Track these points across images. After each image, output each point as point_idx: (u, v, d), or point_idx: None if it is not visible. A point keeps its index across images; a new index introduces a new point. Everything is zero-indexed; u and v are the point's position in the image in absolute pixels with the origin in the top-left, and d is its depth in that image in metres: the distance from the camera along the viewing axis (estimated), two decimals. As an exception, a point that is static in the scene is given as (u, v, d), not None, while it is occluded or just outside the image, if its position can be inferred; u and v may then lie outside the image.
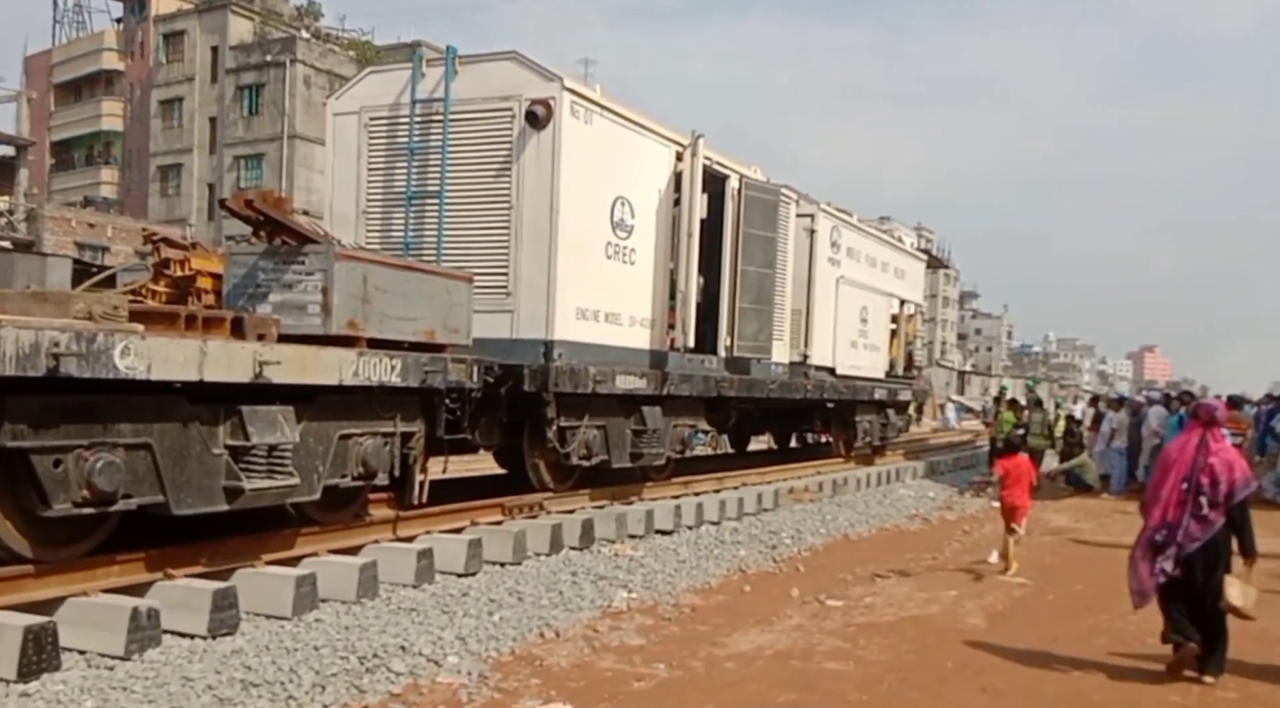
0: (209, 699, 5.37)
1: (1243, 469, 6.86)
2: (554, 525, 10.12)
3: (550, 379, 10.42)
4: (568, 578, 8.93)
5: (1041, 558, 11.81)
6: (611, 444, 11.88)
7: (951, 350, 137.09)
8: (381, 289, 7.91)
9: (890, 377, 21.82)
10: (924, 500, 17.21)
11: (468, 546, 8.79)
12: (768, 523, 12.96)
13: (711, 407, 16.38)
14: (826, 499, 15.77)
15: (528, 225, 10.81)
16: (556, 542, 10.03)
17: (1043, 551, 12.43)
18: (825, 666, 6.79)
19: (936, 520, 15.25)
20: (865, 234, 20.09)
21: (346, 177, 11.72)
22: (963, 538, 13.41)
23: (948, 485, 19.93)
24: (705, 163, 13.59)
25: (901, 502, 16.69)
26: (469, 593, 8.06)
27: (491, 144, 11.02)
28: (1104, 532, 14.25)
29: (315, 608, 7.12)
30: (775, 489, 14.76)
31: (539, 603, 7.98)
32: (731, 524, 12.68)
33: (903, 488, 18.62)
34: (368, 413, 8.04)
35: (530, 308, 10.78)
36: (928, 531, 14.19)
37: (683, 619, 8.01)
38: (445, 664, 6.29)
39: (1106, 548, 12.22)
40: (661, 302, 12.81)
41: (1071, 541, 13.57)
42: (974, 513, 16.26)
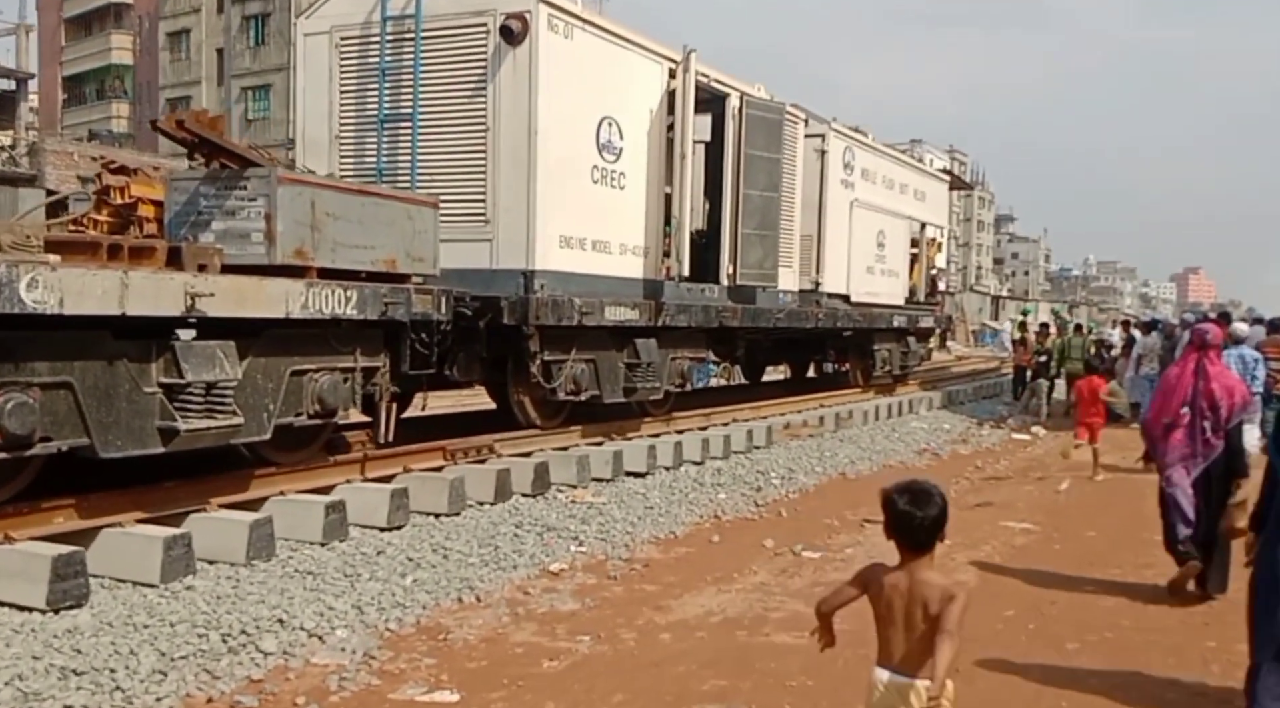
0: (9, 694, 4.63)
1: (1242, 393, 7.03)
2: (500, 471, 9.29)
3: (531, 311, 10.05)
4: (509, 531, 8.21)
5: (1053, 498, 11.30)
6: (602, 379, 11.53)
7: (987, 275, 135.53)
8: (333, 215, 7.54)
9: (911, 303, 21.31)
10: (938, 433, 16.75)
11: (390, 497, 7.97)
12: (757, 462, 12.39)
13: (717, 338, 16.03)
14: (829, 434, 15.18)
15: (505, 149, 10.37)
16: (504, 489, 9.22)
17: (1051, 487, 11.87)
18: (775, 639, 6.01)
19: (948, 455, 14.78)
20: (882, 155, 19.45)
21: (318, 101, 11.29)
22: (973, 474, 12.88)
23: (966, 417, 19.40)
24: (701, 80, 13.03)
25: (912, 435, 16.12)
26: (385, 551, 7.33)
27: (465, 62, 10.54)
28: (1129, 464, 13.66)
29: (191, 573, 6.35)
30: (769, 425, 14.09)
31: (467, 562, 7.28)
32: (716, 464, 12.04)
33: (915, 420, 18.00)
34: (323, 348, 7.72)
35: (509, 236, 10.38)
36: (936, 467, 13.67)
37: (631, 578, 7.36)
38: (329, 641, 5.62)
39: (1129, 483, 11.65)
40: (656, 229, 12.37)
41: (1087, 478, 12.93)
42: (990, 447, 15.74)
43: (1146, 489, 8.30)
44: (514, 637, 5.96)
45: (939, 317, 23.20)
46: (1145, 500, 8.34)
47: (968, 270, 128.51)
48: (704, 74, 13.14)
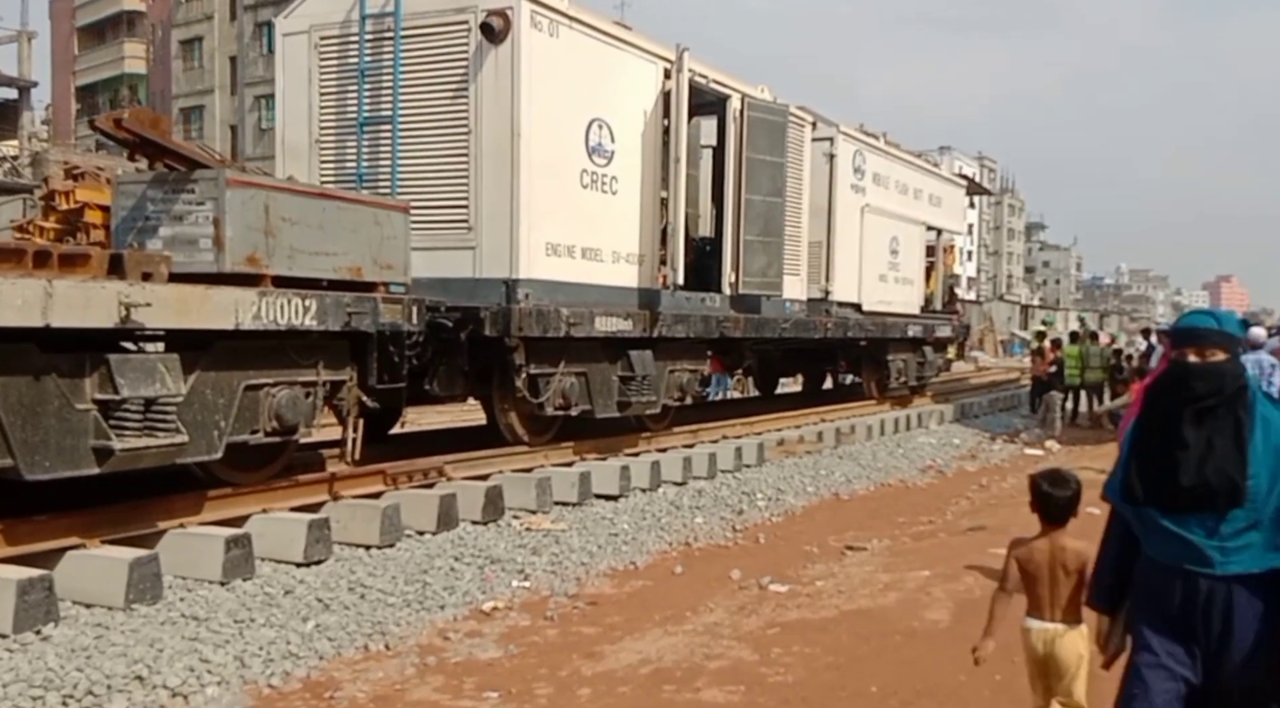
0: None
1: None
2: (444, 497, 8.49)
3: (514, 322, 9.68)
4: (446, 564, 7.51)
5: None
6: (594, 392, 11.15)
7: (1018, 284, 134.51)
8: (290, 220, 7.21)
9: (927, 312, 20.86)
10: (946, 449, 16.25)
11: (307, 528, 7.17)
12: (745, 482, 11.79)
13: (722, 349, 15.65)
14: (828, 451, 14.59)
15: (488, 152, 10.02)
16: (448, 516, 8.43)
17: None
18: (704, 695, 5.29)
19: (953, 473, 14.35)
20: (895, 159, 19.02)
21: (298, 103, 10.99)
22: (976, 494, 12.33)
23: (979, 430, 18.85)
24: (699, 81, 12.67)
25: (918, 451, 15.56)
26: (294, 590, 6.63)
27: (446, 62, 10.21)
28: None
29: (52, 621, 5.63)
30: (760, 442, 13.44)
31: (386, 602, 6.61)
32: (699, 485, 11.38)
33: (924, 435, 17.42)
34: (282, 361, 7.38)
35: (493, 244, 10.03)
36: (938, 486, 13.12)
37: (570, 618, 6.69)
38: (193, 702, 4.98)
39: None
40: (651, 235, 11.99)
41: (1095, 500, 12.18)
42: (999, 463, 15.20)
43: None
44: (412, 694, 5.33)
45: (957, 326, 22.71)
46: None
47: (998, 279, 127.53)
48: (702, 74, 12.78)
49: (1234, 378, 3.13)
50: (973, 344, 49.82)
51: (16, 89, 26.60)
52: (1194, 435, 3.09)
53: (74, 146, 41.50)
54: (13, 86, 26.69)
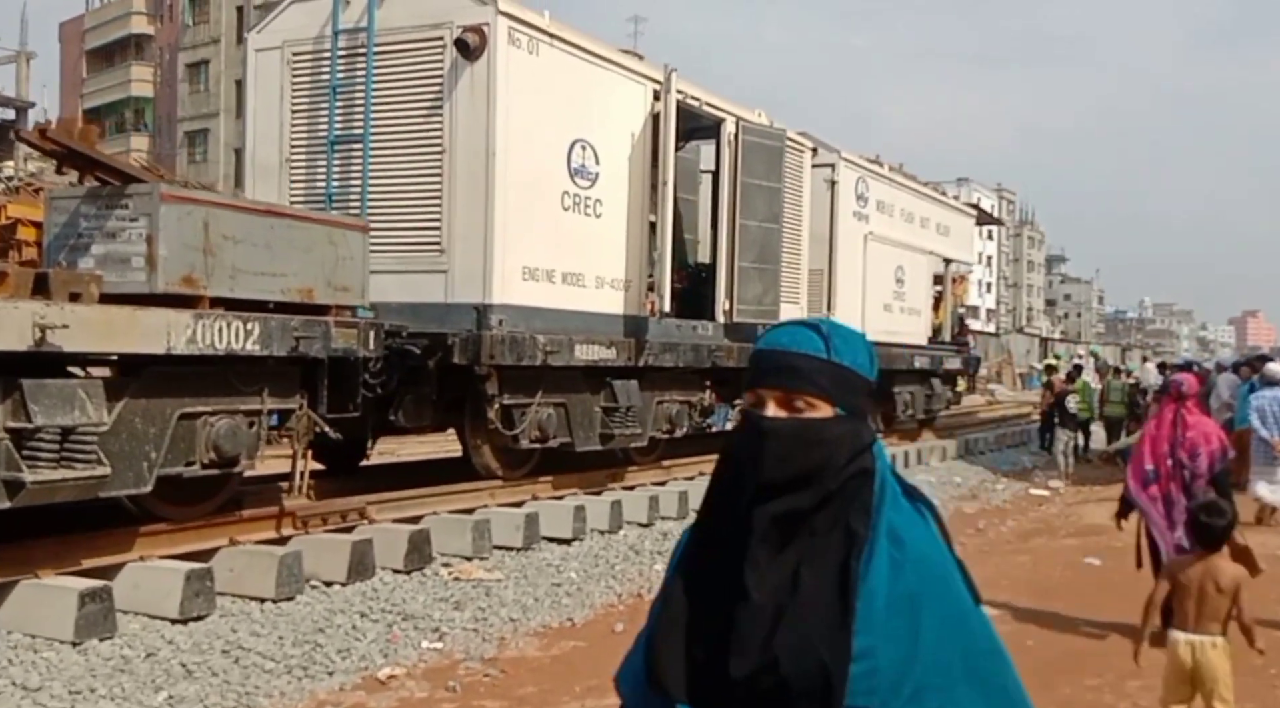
0: None
1: (1220, 440, 7.38)
2: (357, 543, 7.61)
3: (484, 350, 9.31)
4: (349, 621, 6.69)
5: (1049, 572, 9.69)
6: (574, 424, 10.76)
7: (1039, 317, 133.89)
8: (233, 238, 6.88)
9: (935, 343, 20.44)
10: (945, 488, 15.52)
11: (185, 579, 6.35)
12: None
13: (719, 378, 15.26)
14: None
15: (461, 172, 9.71)
16: (362, 565, 7.55)
17: (1054, 561, 10.25)
18: None
19: (949, 514, 13.56)
20: (899, 186, 18.67)
21: (269, 121, 10.71)
22: (970, 539, 11.57)
23: (984, 468, 18.20)
24: (691, 104, 12.36)
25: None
26: (158, 653, 5.81)
27: (420, 79, 9.92)
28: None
29: None
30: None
31: (263, 668, 5.79)
32: (667, 526, 10.56)
33: (924, 472, 16.56)
34: (222, 388, 7.02)
35: (465, 267, 9.69)
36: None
37: (475, 689, 5.89)
38: None
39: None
40: (639, 261, 11.64)
41: (1101, 546, 10.94)
42: (1000, 504, 14.61)
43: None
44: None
45: (967, 357, 22.27)
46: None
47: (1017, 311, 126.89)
48: (694, 97, 12.48)
49: (846, 453, 1.66)
50: (990, 377, 49.26)
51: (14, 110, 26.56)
52: (763, 572, 1.61)
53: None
54: (10, 107, 26.65)
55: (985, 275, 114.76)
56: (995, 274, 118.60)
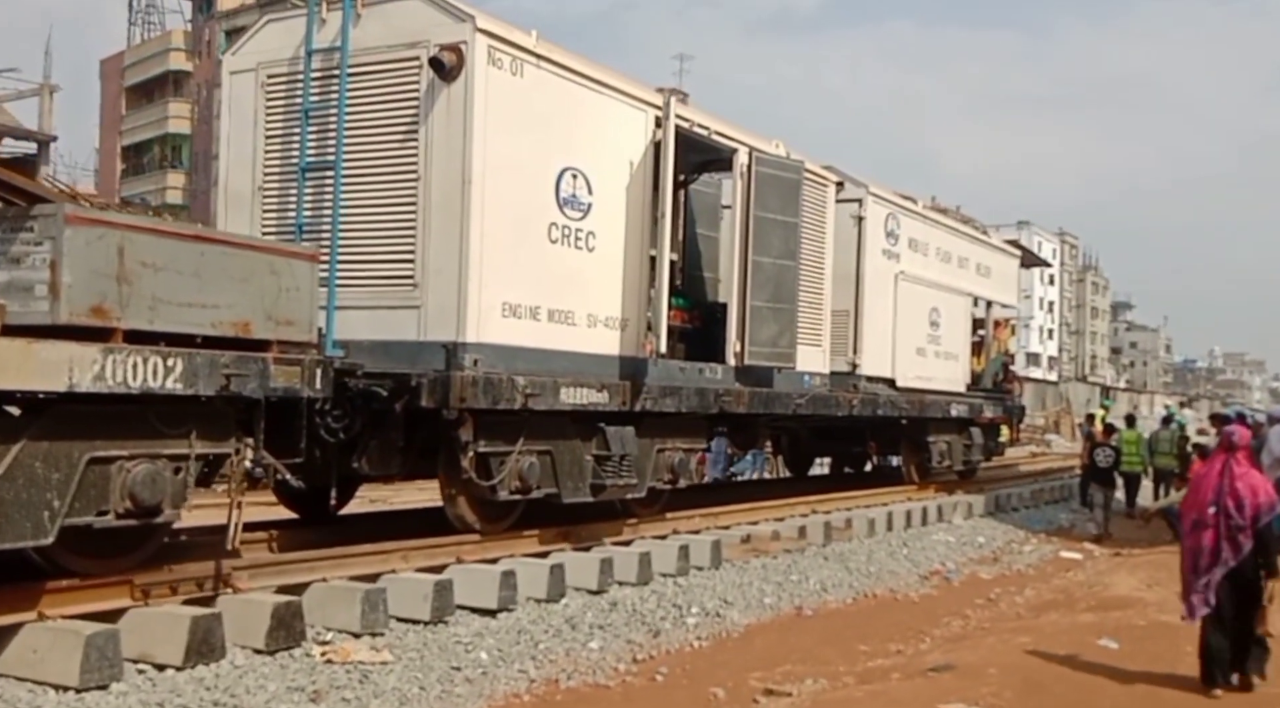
0: None
1: (1267, 492, 7.54)
2: (198, 618, 6.44)
3: (453, 392, 8.77)
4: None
5: (1048, 661, 8.35)
6: (561, 474, 10.18)
7: (1102, 365, 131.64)
8: (154, 266, 6.42)
9: (975, 390, 19.66)
10: (965, 549, 14.51)
11: None
12: (686, 590, 9.98)
13: (735, 425, 14.66)
14: (813, 549, 12.63)
15: (437, 201, 9.24)
16: (205, 645, 6.40)
17: (1060, 643, 8.94)
18: None
19: (962, 580, 12.60)
20: (935, 224, 18.03)
21: (242, 147, 10.33)
22: (978, 611, 10.62)
23: (1014, 526, 17.11)
24: (699, 132, 11.86)
25: (929, 551, 13.76)
26: None
27: (396, 101, 9.49)
28: (1176, 610, 10.86)
29: None
30: (716, 540, 11.43)
31: None
32: (623, 593, 9.52)
33: (944, 531, 15.51)
34: (141, 430, 6.53)
35: (439, 302, 9.19)
36: (935, 598, 11.35)
37: None
38: None
39: (1158, 649, 8.57)
40: (637, 298, 11.08)
41: (1121, 625, 9.79)
42: (1023, 569, 13.55)
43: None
44: None
45: (1010, 406, 21.42)
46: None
47: (1080, 359, 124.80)
48: (702, 125, 11.98)
49: None
50: (1047, 426, 48.09)
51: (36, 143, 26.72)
52: None
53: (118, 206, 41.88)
54: (31, 140, 26.82)
55: (1046, 322, 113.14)
56: (1057, 320, 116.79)
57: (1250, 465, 7.88)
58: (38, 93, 27.49)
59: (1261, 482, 7.71)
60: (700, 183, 14.91)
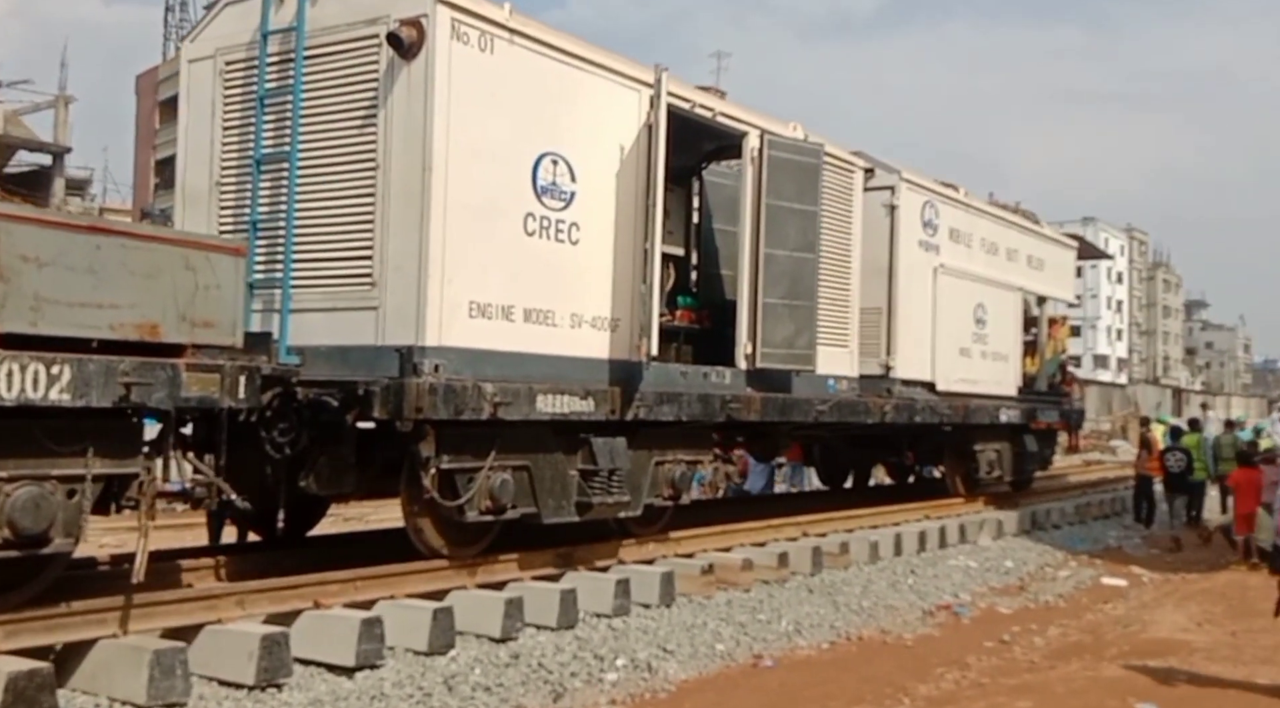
0: None
1: None
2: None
3: (409, 401, 8.11)
4: None
5: None
6: (540, 492, 9.45)
7: (1176, 366, 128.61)
8: (35, 260, 5.82)
9: (1029, 393, 18.70)
10: (988, 575, 12.97)
11: None
12: (617, 635, 8.54)
13: (751, 434, 13.92)
14: (799, 578, 11.21)
15: (396, 191, 8.58)
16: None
17: (1065, 698, 7.75)
18: None
19: (974, 617, 11.00)
20: (979, 213, 17.08)
21: (199, 139, 9.77)
22: (981, 660, 9.04)
23: (1052, 547, 15.45)
24: (700, 114, 11.15)
25: (943, 579, 12.29)
26: None
27: (354, 84, 8.85)
28: (1236, 658, 9.14)
29: None
30: (665, 572, 9.88)
31: None
32: (535, 640, 8.13)
33: (964, 554, 13.84)
34: (23, 448, 5.94)
35: (398, 302, 8.53)
36: (936, 640, 9.84)
37: None
38: None
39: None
40: (631, 296, 10.37)
41: (1160, 682, 8.39)
42: (1053, 600, 11.97)
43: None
44: None
45: (1068, 410, 20.41)
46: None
47: (1151, 361, 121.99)
48: (705, 106, 11.26)
49: None
50: (1114, 432, 46.67)
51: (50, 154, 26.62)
52: None
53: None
54: (45, 151, 26.74)
55: (1115, 322, 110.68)
56: (1126, 320, 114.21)
57: None
58: (53, 104, 27.43)
59: None
60: (717, 174, 14.17)
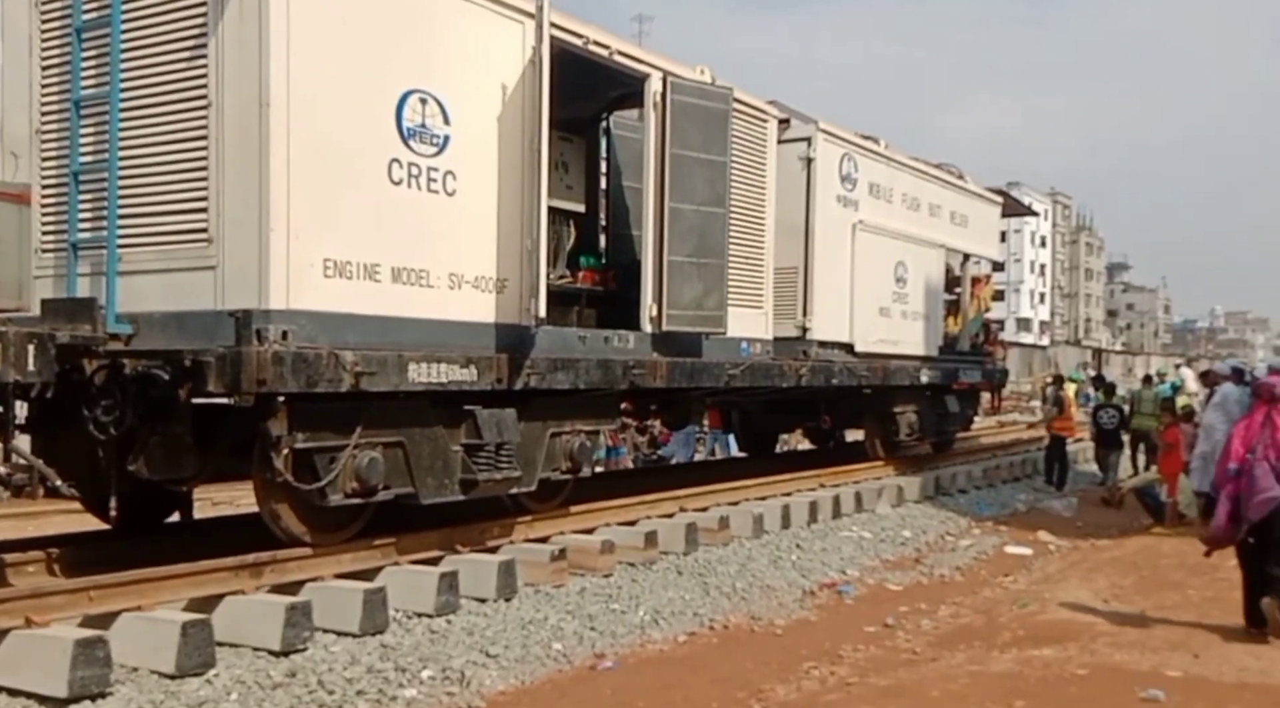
0: None
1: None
2: None
3: (248, 372, 6.91)
4: None
5: None
6: (418, 470, 8.32)
7: (1098, 328, 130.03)
8: None
9: (950, 354, 17.84)
10: (881, 548, 11.86)
11: None
12: (436, 639, 7.27)
13: (665, 402, 12.86)
14: (673, 557, 9.98)
15: (231, 132, 7.33)
16: None
17: (940, 704, 6.49)
18: None
19: (859, 596, 9.86)
20: (901, 167, 16.10)
21: (17, 80, 8.40)
22: (857, 651, 7.73)
23: (958, 513, 14.45)
24: (594, 51, 10.00)
25: (831, 554, 11.06)
26: None
27: (180, 9, 7.57)
28: (1144, 643, 7.91)
29: None
30: (502, 562, 8.41)
31: None
32: (331, 650, 6.81)
33: (860, 525, 12.70)
34: None
35: (238, 261, 7.32)
36: (810, 627, 8.64)
37: None
38: None
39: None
40: (517, 255, 9.22)
41: (1044, 678, 7.01)
42: (947, 575, 10.79)
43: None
44: None
45: (991, 370, 19.61)
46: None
47: (1074, 323, 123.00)
48: (600, 43, 10.09)
49: None
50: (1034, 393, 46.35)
51: None
52: None
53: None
54: None
55: (1038, 285, 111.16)
56: (1049, 284, 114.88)
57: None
58: None
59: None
60: (630, 128, 13.02)
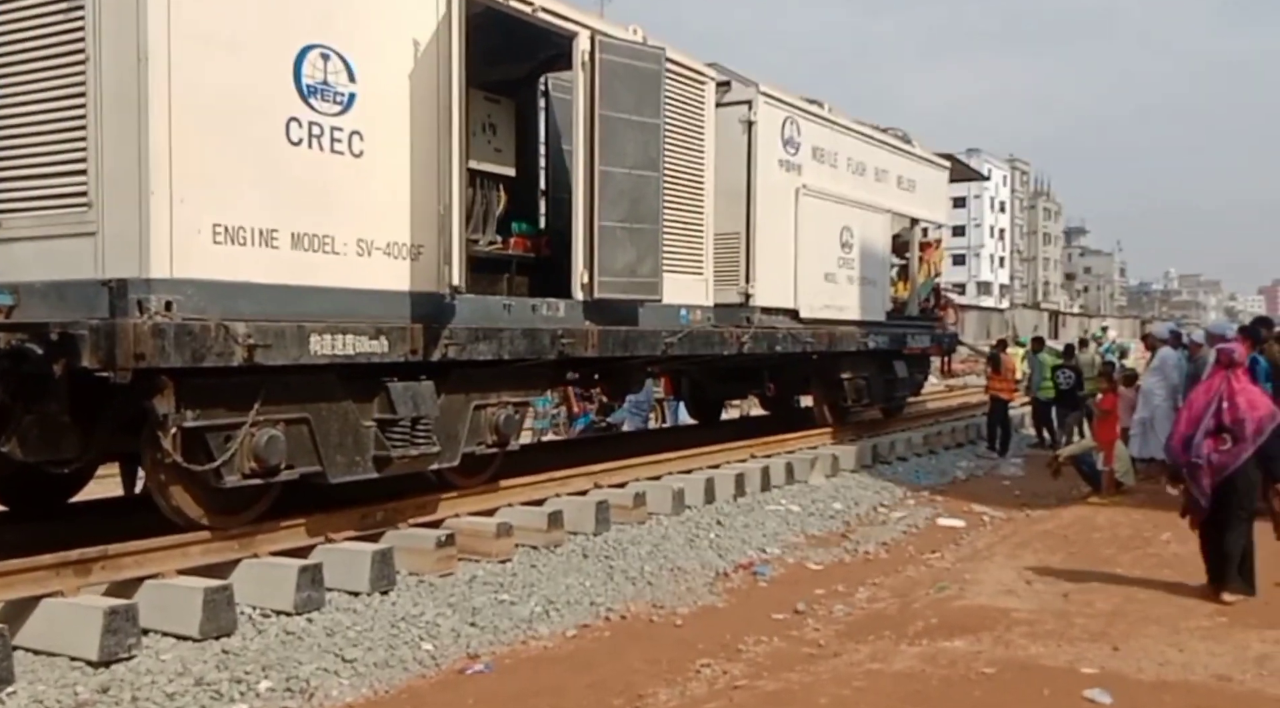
0: None
1: (1267, 407, 7.86)
2: None
3: (123, 346, 6.34)
4: None
5: None
6: (326, 447, 7.79)
7: (1056, 291, 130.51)
8: None
9: (898, 318, 17.44)
10: (809, 522, 11.16)
11: None
12: (291, 641, 6.55)
13: (605, 372, 12.37)
14: (581, 539, 9.30)
15: (109, 87, 6.72)
16: None
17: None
18: None
19: (776, 577, 9.11)
20: (844, 131, 15.58)
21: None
22: (759, 644, 7.01)
23: (895, 483, 13.91)
24: (519, 9, 9.41)
25: (755, 530, 10.44)
26: None
27: (54, -45, 6.99)
28: (1062, 634, 7.15)
29: None
30: (378, 551, 7.65)
31: None
32: (163, 660, 6.06)
33: (790, 497, 12.01)
34: None
35: (120, 227, 6.74)
36: (715, 614, 7.93)
37: None
38: None
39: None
40: (434, 221, 8.67)
41: (949, 676, 6.31)
42: (874, 551, 10.11)
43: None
44: None
45: (940, 335, 19.24)
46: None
47: (1032, 286, 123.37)
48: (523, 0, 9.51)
49: None
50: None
51: None
52: None
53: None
54: None
55: (997, 249, 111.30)
56: (1008, 248, 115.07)
57: (1249, 381, 8.23)
58: None
59: (1260, 397, 8.08)
60: (567, 91, 12.44)
